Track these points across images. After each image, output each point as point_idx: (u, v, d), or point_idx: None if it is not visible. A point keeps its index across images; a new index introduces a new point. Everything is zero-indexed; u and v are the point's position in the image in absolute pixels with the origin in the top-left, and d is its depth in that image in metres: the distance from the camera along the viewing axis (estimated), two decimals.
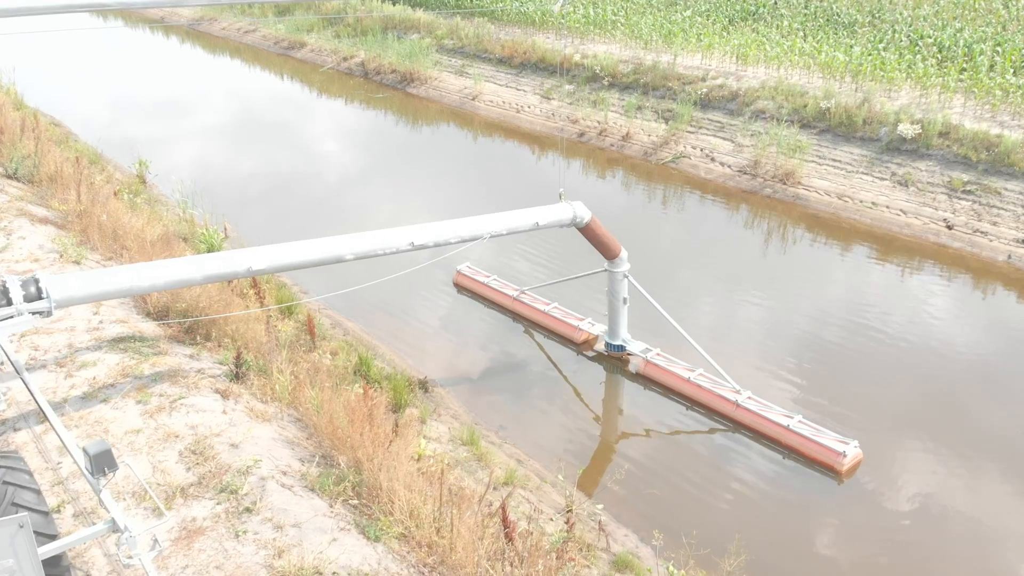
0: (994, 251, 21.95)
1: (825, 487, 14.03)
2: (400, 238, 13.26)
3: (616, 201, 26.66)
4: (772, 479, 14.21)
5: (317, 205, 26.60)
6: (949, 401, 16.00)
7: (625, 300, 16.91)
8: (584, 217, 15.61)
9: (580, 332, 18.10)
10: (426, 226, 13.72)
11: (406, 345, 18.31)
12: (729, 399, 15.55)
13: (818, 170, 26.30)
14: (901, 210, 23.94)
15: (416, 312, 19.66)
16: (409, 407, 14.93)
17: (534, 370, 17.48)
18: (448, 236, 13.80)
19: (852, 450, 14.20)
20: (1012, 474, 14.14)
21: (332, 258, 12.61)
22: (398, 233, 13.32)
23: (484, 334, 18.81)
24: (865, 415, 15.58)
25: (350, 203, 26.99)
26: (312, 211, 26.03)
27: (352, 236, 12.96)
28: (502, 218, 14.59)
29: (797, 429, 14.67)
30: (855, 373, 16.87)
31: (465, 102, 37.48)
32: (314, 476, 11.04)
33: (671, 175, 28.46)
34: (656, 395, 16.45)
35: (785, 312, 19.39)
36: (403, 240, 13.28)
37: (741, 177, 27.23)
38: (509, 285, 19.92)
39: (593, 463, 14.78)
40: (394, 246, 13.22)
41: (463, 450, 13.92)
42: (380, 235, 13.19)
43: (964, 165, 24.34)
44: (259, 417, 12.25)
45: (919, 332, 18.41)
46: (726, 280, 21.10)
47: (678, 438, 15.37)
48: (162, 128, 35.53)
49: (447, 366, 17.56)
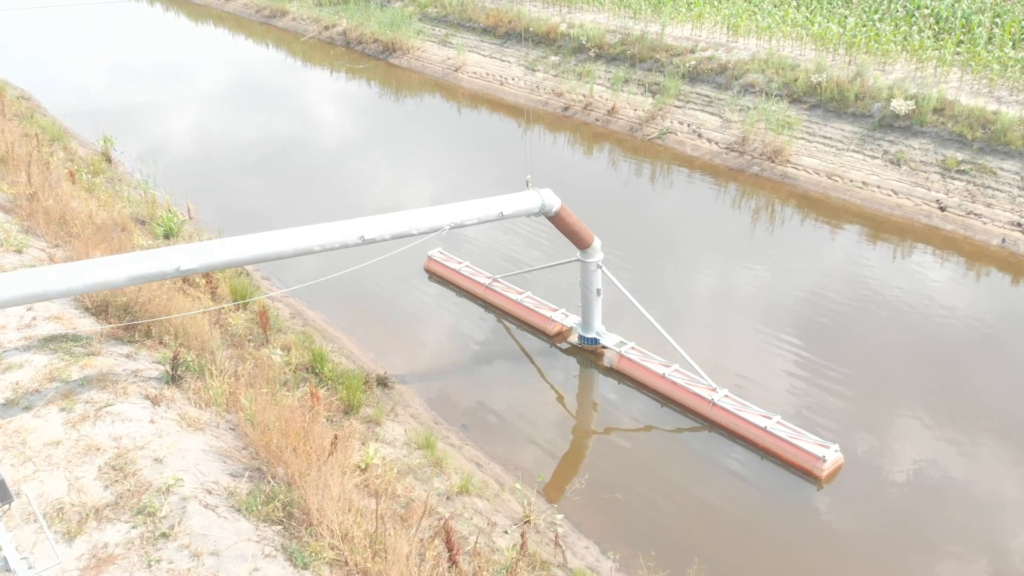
0: (988, 234, 20.94)
1: (803, 493, 13.15)
2: (349, 232, 12.24)
3: (598, 180, 25.56)
4: (747, 483, 13.32)
5: (292, 182, 25.50)
6: (938, 402, 15.09)
7: (599, 291, 15.93)
8: (553, 205, 14.58)
9: (553, 324, 17.14)
10: (379, 218, 12.70)
11: (370, 336, 17.34)
12: (705, 397, 14.63)
13: (808, 147, 25.19)
14: (892, 190, 22.88)
15: (384, 300, 18.68)
16: (365, 407, 14.01)
17: (504, 364, 16.54)
18: (403, 228, 12.78)
19: (832, 454, 13.31)
20: (998, 484, 13.28)
21: (271, 255, 11.64)
22: (347, 227, 12.30)
23: (454, 324, 17.85)
24: (846, 417, 14.69)
25: (326, 180, 25.85)
26: (287, 189, 24.96)
27: (294, 231, 11.95)
28: (463, 208, 13.56)
29: (775, 431, 13.76)
30: (840, 369, 15.94)
31: (448, 73, 36.19)
32: (243, 494, 10.13)
33: (657, 152, 27.33)
34: (631, 391, 15.53)
35: (769, 301, 18.41)
36: (352, 234, 12.26)
37: (728, 155, 26.11)
38: (481, 272, 18.93)
39: (558, 466, 13.87)
40: (341, 241, 12.21)
41: (418, 455, 13.00)
42: (326, 229, 12.17)
43: (959, 143, 23.23)
44: (191, 426, 11.31)
45: (907, 327, 17.46)
46: (708, 266, 20.10)
47: (651, 439, 14.48)
48: (138, 101, 34.30)
49: (412, 359, 16.60)
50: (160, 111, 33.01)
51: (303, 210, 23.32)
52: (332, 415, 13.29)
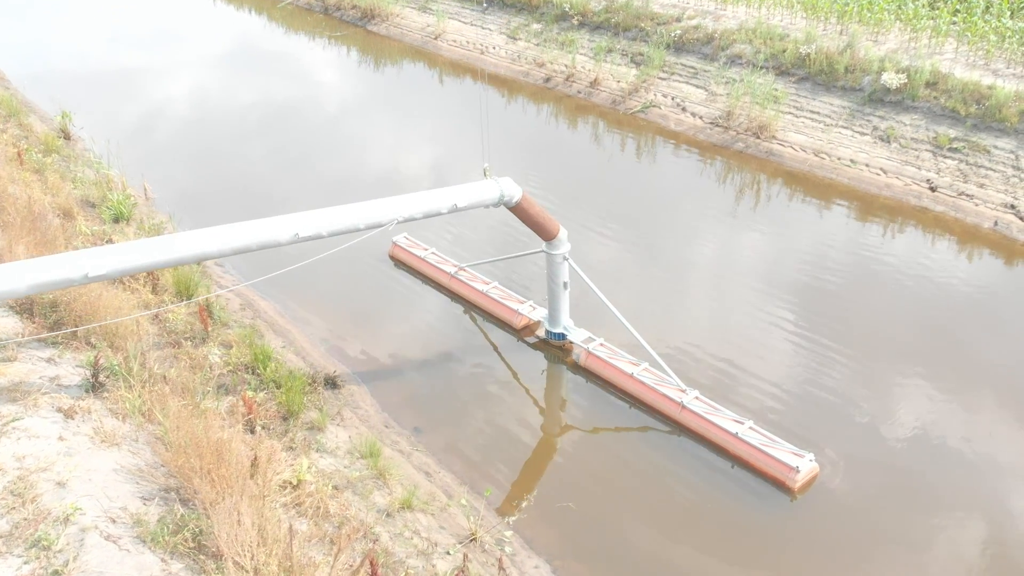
0: (980, 216, 19.85)
1: (776, 505, 12.23)
2: (282, 229, 11.17)
3: (578, 158, 24.36)
4: (715, 493, 12.38)
5: (263, 159, 24.30)
6: (918, 405, 14.16)
7: (565, 285, 14.89)
8: (513, 195, 13.49)
9: (520, 317, 16.11)
10: (316, 214, 11.60)
11: (326, 328, 16.29)
12: (673, 399, 13.66)
13: (794, 123, 23.99)
14: (881, 169, 21.74)
15: (344, 289, 17.61)
16: (309, 410, 13.03)
17: (466, 359, 15.52)
18: (343, 224, 11.70)
19: (807, 464, 12.37)
20: (983, 494, 12.38)
21: (193, 257, 10.57)
22: (280, 223, 11.22)
23: (416, 316, 16.81)
24: (824, 421, 13.76)
25: (297, 157, 24.58)
26: (257, 166, 23.77)
27: (218, 230, 10.87)
28: (412, 200, 12.46)
29: (746, 437, 12.81)
30: (820, 365, 14.99)
31: (427, 42, 34.75)
32: (152, 522, 9.15)
33: (639, 126, 26.11)
34: (599, 391, 14.54)
35: (747, 288, 17.38)
36: (285, 231, 11.19)
37: (712, 130, 24.90)
38: (448, 260, 17.84)
39: (514, 474, 12.90)
40: (273, 239, 11.14)
41: (360, 465, 12.04)
42: (256, 227, 11.09)
43: (952, 119, 22.05)
44: (105, 441, 10.32)
45: (892, 318, 16.46)
46: (684, 251, 19.04)
47: (617, 443, 13.53)
48: (104, 70, 32.86)
49: (368, 354, 15.58)
50: (128, 82, 31.61)
51: (272, 188, 22.20)
52: (269, 422, 12.32)
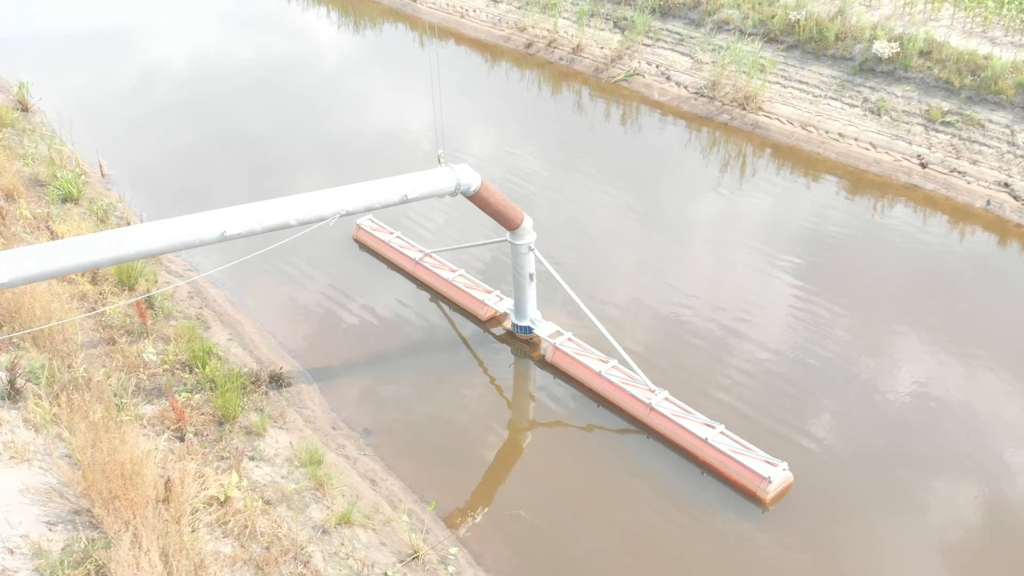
0: (971, 195, 18.79)
1: (746, 517, 11.39)
2: (207, 227, 10.12)
3: (555, 130, 23.14)
4: (682, 503, 11.53)
5: (231, 130, 23.08)
6: (892, 410, 13.27)
7: (531, 276, 13.89)
8: (471, 184, 12.42)
9: (485, 308, 15.12)
10: (248, 209, 10.55)
11: (279, 318, 15.28)
12: (642, 400, 12.75)
13: (782, 93, 22.77)
14: (871, 143, 20.60)
15: (302, 275, 16.55)
16: (249, 412, 12.10)
17: (427, 353, 14.56)
18: (278, 219, 10.64)
19: (779, 474, 11.51)
20: (962, 510, 11.55)
21: (108, 260, 9.54)
22: (206, 220, 10.17)
23: (378, 305, 15.78)
24: (795, 428, 12.88)
25: (268, 129, 23.39)
26: (224, 138, 22.56)
27: (139, 229, 9.85)
28: (356, 192, 11.39)
29: (717, 443, 11.93)
30: (796, 364, 14.08)
31: (407, 3, 33.22)
32: (56, 551, 8.30)
33: (622, 95, 24.85)
34: (567, 388, 13.62)
35: (721, 274, 16.40)
36: (210, 229, 10.14)
37: (697, 100, 23.67)
38: (413, 246, 16.78)
39: (467, 481, 11.97)
40: (198, 238, 10.11)
41: (300, 474, 11.14)
42: (179, 225, 10.05)
43: (946, 91, 20.87)
44: (16, 457, 9.43)
45: (874, 319, 15.51)
46: (660, 235, 18.00)
47: (582, 446, 12.63)
48: (70, 36, 31.33)
49: (321, 347, 14.58)
50: (95, 50, 30.13)
51: (236, 162, 21.07)
52: (202, 428, 11.41)
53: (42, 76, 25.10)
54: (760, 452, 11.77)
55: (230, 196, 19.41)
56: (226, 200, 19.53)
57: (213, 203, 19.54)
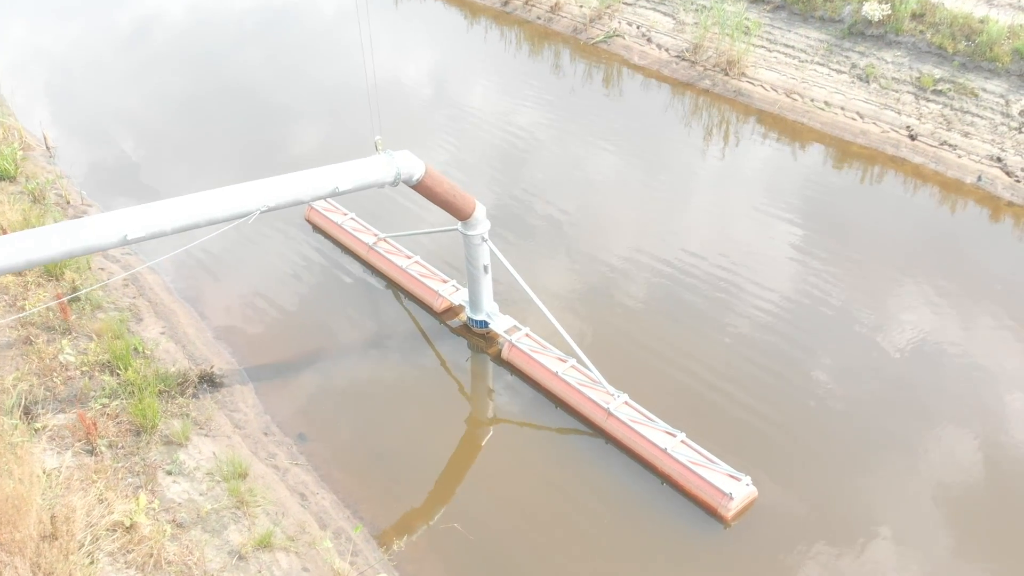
0: (962, 170, 17.61)
1: (706, 532, 10.51)
2: (107, 231, 9.01)
3: (524, 96, 21.77)
4: (638, 516, 10.65)
5: (186, 97, 21.72)
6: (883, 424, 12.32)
7: (486, 268, 12.80)
8: (413, 172, 11.25)
9: (440, 299, 14.04)
10: (154, 208, 9.41)
11: (219, 307, 14.21)
12: (599, 404, 11.78)
13: (766, 58, 21.40)
14: (858, 113, 19.33)
15: (248, 260, 15.44)
16: (172, 419, 11.11)
17: (376, 348, 13.56)
18: (188, 219, 9.50)
19: (742, 490, 10.59)
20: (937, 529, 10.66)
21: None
22: (108, 223, 9.05)
23: (327, 294, 14.67)
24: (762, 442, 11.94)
25: (223, 102, 22.04)
26: (179, 106, 21.22)
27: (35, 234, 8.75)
28: (282, 185, 10.23)
29: (677, 454, 10.99)
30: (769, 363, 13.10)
31: None
32: None
33: (601, 58, 23.43)
34: (524, 389, 12.61)
35: (700, 261, 15.32)
36: (113, 233, 9.04)
37: (679, 64, 22.28)
38: (368, 229, 15.63)
39: (407, 490, 11.03)
40: (97, 244, 9.01)
41: (220, 491, 10.19)
42: (79, 228, 8.95)
43: (938, 57, 19.54)
44: None
45: (860, 313, 14.49)
46: (632, 217, 16.87)
47: (535, 451, 11.69)
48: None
49: (262, 340, 13.52)
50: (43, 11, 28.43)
51: (191, 126, 19.81)
52: (118, 439, 10.44)
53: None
54: (723, 465, 10.84)
55: (185, 170, 18.35)
56: (179, 173, 18.60)
57: (167, 176, 18.64)
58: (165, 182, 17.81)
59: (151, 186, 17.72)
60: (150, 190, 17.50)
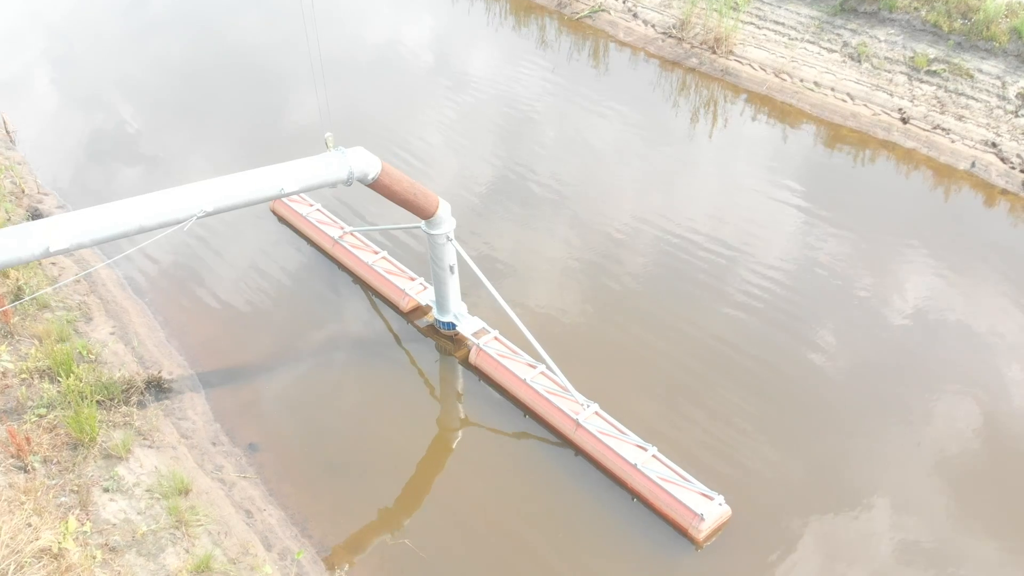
0: (955, 155, 16.77)
1: (677, 554, 9.89)
2: (25, 242, 8.22)
3: (507, 75, 20.83)
4: (605, 535, 10.01)
5: (159, 81, 20.78)
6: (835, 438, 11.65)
7: (452, 268, 12.03)
8: (368, 171, 10.42)
9: (407, 299, 13.26)
10: (78, 216, 8.60)
11: (173, 305, 13.39)
12: (568, 414, 11.09)
13: (755, 36, 20.42)
14: (848, 94, 18.43)
15: (209, 253, 14.59)
16: (115, 430, 10.40)
17: (338, 350, 12.77)
18: (114, 229, 8.67)
19: (715, 510, 9.93)
20: None
21: None
22: (21, 234, 8.26)
23: (289, 290, 13.83)
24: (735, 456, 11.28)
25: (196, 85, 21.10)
26: (151, 90, 20.30)
27: None
28: (222, 187, 9.40)
29: (647, 470, 10.32)
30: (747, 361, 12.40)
31: None
32: None
33: (585, 34, 22.42)
34: (492, 395, 11.86)
35: (666, 243, 14.58)
36: (31, 246, 8.25)
37: (665, 42, 21.30)
38: (335, 222, 14.80)
39: (360, 506, 10.35)
40: (14, 257, 8.23)
41: (160, 508, 9.52)
42: None
43: (933, 36, 18.60)
44: None
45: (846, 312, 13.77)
46: (610, 206, 16.06)
47: (502, 464, 10.98)
48: None
49: (216, 341, 12.71)
50: None
51: (159, 119, 18.90)
52: (54, 454, 9.76)
53: None
54: (696, 483, 10.17)
55: (157, 155, 17.51)
56: (153, 158, 17.73)
57: (141, 162, 17.77)
58: (132, 167, 17.01)
59: (117, 173, 16.92)
60: (115, 177, 16.72)
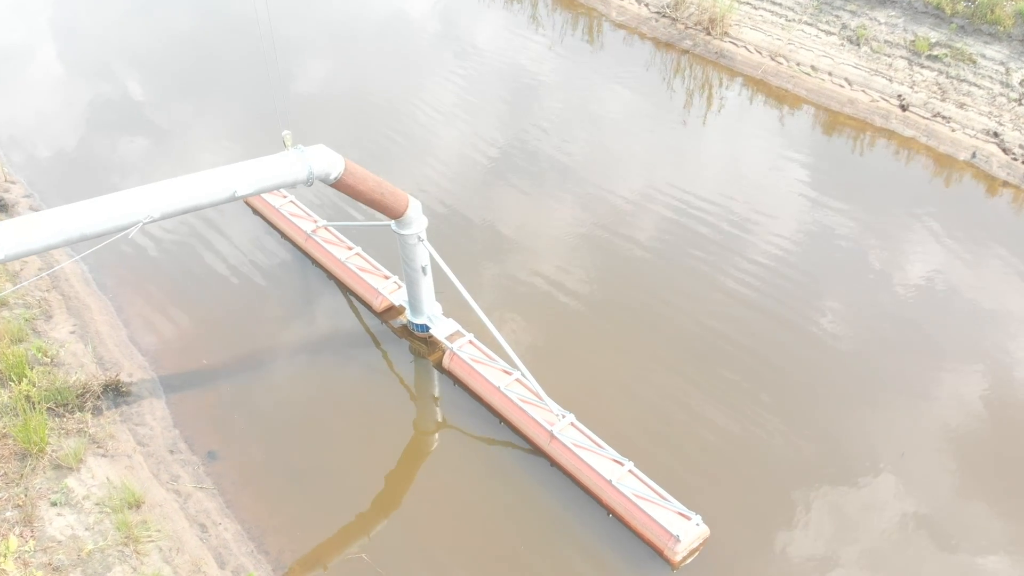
0: (955, 145, 16.06)
1: (654, 572, 9.39)
2: None
3: (497, 46, 20.07)
4: (578, 553, 9.49)
5: (142, 74, 20.04)
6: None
7: (424, 269, 11.39)
8: (330, 170, 9.75)
9: (380, 298, 12.63)
10: (13, 225, 7.98)
11: (139, 301, 12.74)
12: (543, 426, 10.52)
13: (752, 17, 19.59)
14: (846, 79, 17.65)
15: (179, 247, 13.92)
16: (67, 438, 9.86)
17: (306, 352, 12.12)
18: (49, 239, 8.06)
19: (692, 530, 9.40)
20: None
21: None
22: None
23: (259, 286, 13.16)
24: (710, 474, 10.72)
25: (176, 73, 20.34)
26: (132, 86, 19.56)
27: None
28: (169, 191, 8.75)
29: (623, 486, 9.77)
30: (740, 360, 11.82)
31: None
32: None
33: (578, 12, 21.59)
34: (467, 401, 11.28)
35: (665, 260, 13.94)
36: None
37: (659, 22, 20.47)
38: (309, 215, 14.12)
39: (322, 521, 9.79)
40: None
41: (109, 524, 9.01)
42: None
43: (935, 19, 17.78)
44: None
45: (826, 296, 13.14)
46: (596, 196, 15.38)
47: (474, 474, 10.42)
48: None
49: (180, 340, 12.10)
50: None
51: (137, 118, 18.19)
52: (1, 466, 9.23)
53: None
54: (673, 501, 9.62)
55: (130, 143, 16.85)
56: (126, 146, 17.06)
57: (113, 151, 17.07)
58: (110, 156, 16.37)
59: (88, 161, 16.27)
60: (92, 167, 16.09)
